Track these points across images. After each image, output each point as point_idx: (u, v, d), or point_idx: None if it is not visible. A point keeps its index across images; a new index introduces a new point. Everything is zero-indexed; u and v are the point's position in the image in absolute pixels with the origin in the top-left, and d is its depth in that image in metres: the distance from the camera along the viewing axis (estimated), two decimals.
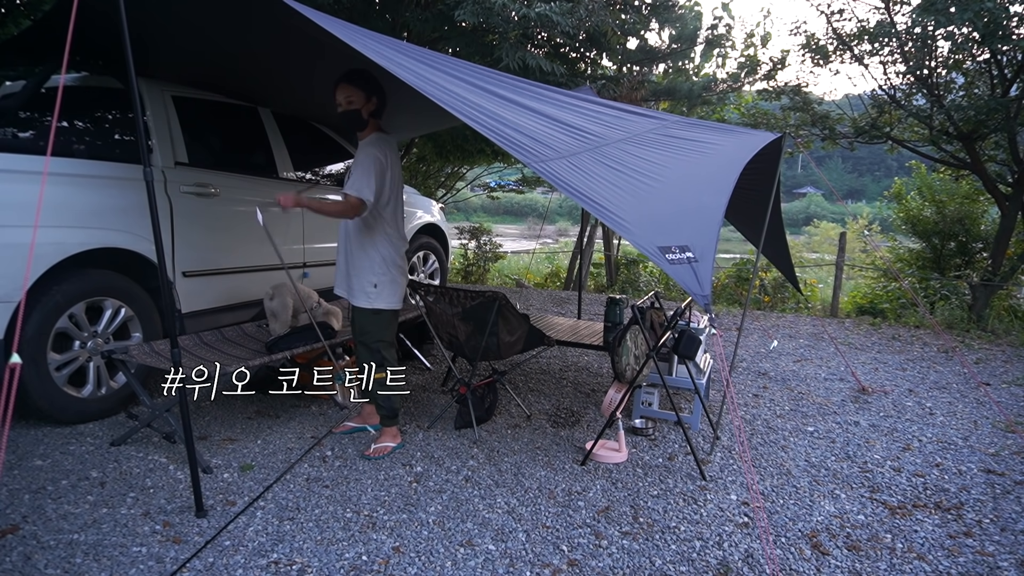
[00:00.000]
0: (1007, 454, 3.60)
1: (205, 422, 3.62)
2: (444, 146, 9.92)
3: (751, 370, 5.28)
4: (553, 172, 2.55)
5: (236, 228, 4.15)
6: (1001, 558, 2.54)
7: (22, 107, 3.52)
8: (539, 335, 3.75)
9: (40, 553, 2.32)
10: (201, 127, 4.16)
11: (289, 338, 3.61)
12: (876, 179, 42.36)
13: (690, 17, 9.69)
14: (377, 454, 3.25)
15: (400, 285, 3.29)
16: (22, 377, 3.01)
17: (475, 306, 3.55)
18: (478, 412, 3.70)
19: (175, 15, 3.28)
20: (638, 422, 3.75)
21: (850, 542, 2.62)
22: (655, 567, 2.40)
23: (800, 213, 35.41)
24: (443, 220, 6.62)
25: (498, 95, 3.00)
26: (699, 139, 3.71)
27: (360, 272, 3.20)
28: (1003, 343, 6.53)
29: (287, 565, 2.32)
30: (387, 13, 6.87)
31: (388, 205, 3.17)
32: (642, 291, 10.52)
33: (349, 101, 3.11)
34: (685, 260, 2.48)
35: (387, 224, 3.20)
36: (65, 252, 3.20)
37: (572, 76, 7.17)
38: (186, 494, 2.78)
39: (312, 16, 2.54)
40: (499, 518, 2.70)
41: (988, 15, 6.44)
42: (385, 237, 3.20)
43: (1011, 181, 8.34)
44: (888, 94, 8.72)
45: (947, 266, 9.83)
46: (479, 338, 3.60)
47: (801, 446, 3.64)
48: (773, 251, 5.04)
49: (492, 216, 28.54)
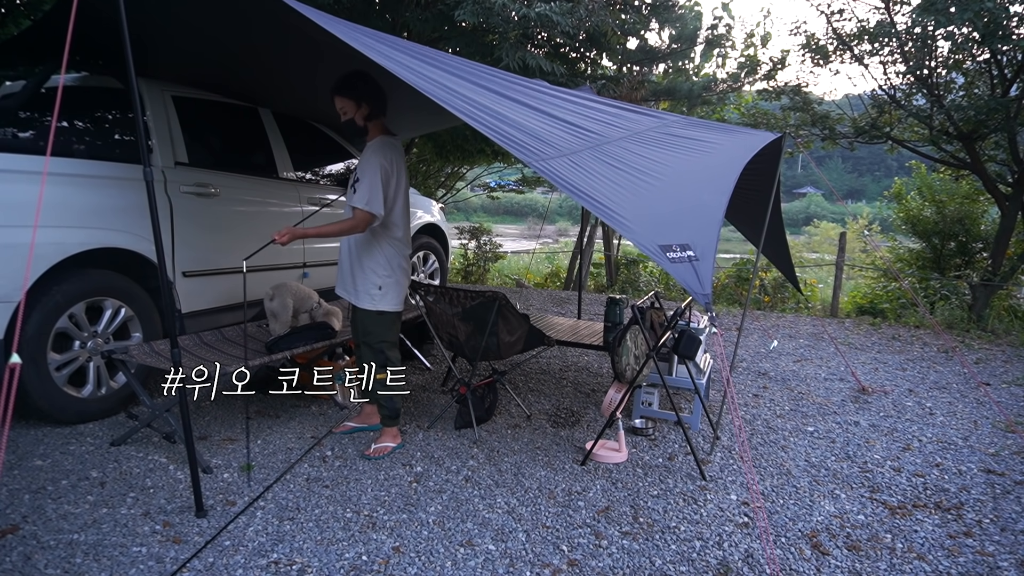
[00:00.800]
0: (1007, 454, 3.59)
1: (205, 422, 3.62)
2: (444, 146, 9.91)
3: (751, 370, 5.28)
4: (553, 170, 2.55)
5: (236, 228, 4.15)
6: (1001, 558, 2.54)
7: (22, 107, 3.52)
8: (539, 335, 3.75)
9: (40, 553, 2.32)
10: (201, 127, 4.16)
11: (289, 338, 3.61)
12: (876, 179, 42.36)
13: (690, 17, 9.69)
14: (377, 454, 3.25)
15: (403, 287, 3.29)
16: (22, 377, 3.01)
17: (475, 306, 3.55)
18: (478, 412, 3.70)
19: (175, 15, 3.28)
20: (638, 422, 3.75)
21: (850, 542, 2.62)
22: (655, 567, 2.40)
23: (800, 213, 35.41)
24: (443, 220, 6.62)
25: (498, 93, 3.00)
26: (699, 138, 3.71)
27: (365, 274, 3.19)
28: (1003, 343, 6.53)
29: (287, 565, 2.32)
30: (387, 13, 6.87)
31: (394, 209, 3.15)
32: (642, 291, 10.52)
33: (343, 111, 3.11)
34: (686, 258, 2.48)
35: (393, 227, 3.18)
36: (65, 252, 3.20)
37: (572, 76, 7.17)
38: (186, 494, 2.78)
39: (311, 15, 2.54)
40: (499, 518, 2.70)
41: (988, 15, 6.44)
42: (390, 240, 3.19)
43: (1011, 181, 8.34)
44: (888, 94, 8.72)
45: (947, 266, 9.83)
46: (479, 338, 3.60)
47: (801, 446, 3.64)
48: (773, 251, 5.03)
49: (492, 216, 28.54)
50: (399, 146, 3.21)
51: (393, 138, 3.20)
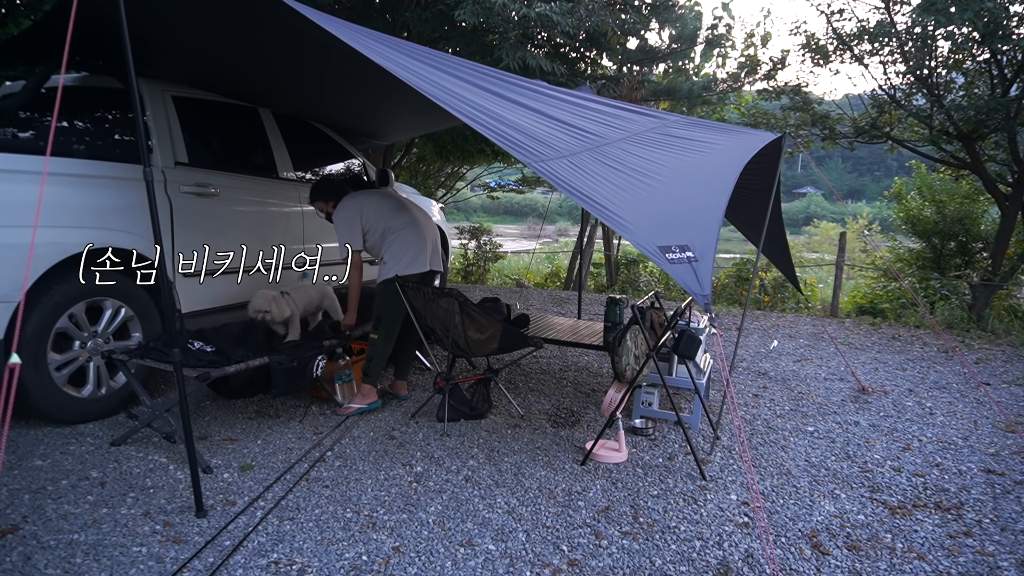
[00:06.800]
0: (1007, 454, 3.60)
1: (205, 422, 3.62)
2: (444, 146, 9.92)
3: (751, 370, 5.28)
4: (553, 172, 2.55)
5: (236, 228, 4.15)
6: (1001, 558, 2.54)
7: (22, 107, 3.51)
8: (518, 336, 3.76)
9: (40, 553, 2.32)
10: (201, 127, 4.16)
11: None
12: (876, 179, 42.33)
13: (690, 17, 9.69)
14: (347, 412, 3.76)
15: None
16: (22, 377, 3.01)
17: (439, 304, 3.58)
18: (463, 409, 3.72)
19: (175, 15, 3.28)
20: (638, 422, 3.75)
21: (850, 542, 2.62)
22: (655, 567, 2.40)
23: (800, 213, 35.40)
24: (443, 220, 6.62)
25: (498, 94, 3.00)
26: (699, 138, 3.71)
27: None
28: (1003, 343, 6.53)
29: (287, 565, 2.32)
30: (387, 13, 6.87)
31: (392, 230, 3.82)
32: (642, 291, 10.52)
33: (322, 211, 4.02)
34: (685, 259, 2.48)
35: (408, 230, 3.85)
36: (65, 252, 3.20)
37: (572, 76, 7.17)
38: (186, 494, 2.78)
39: (311, 16, 2.54)
40: (499, 518, 2.70)
41: (988, 15, 6.44)
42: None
43: (1011, 181, 8.34)
44: (888, 94, 8.72)
45: (947, 266, 9.84)
46: (447, 335, 3.63)
47: (801, 446, 3.64)
48: (773, 251, 5.04)
49: (492, 216, 28.54)
50: (355, 196, 3.89)
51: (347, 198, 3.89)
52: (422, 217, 4.01)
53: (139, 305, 3.63)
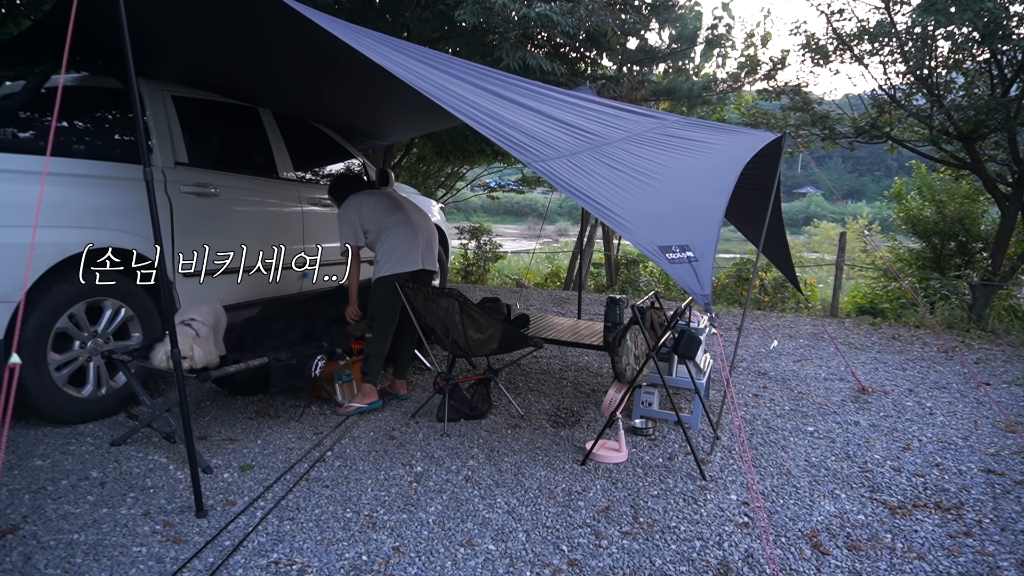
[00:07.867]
0: (1007, 454, 3.60)
1: (205, 422, 3.62)
2: (444, 146, 9.92)
3: (751, 370, 5.28)
4: (553, 172, 2.55)
5: (236, 228, 4.15)
6: (1001, 558, 2.54)
7: (22, 107, 3.51)
8: (518, 336, 3.76)
9: (40, 553, 2.32)
10: (201, 127, 4.16)
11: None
12: (876, 179, 42.34)
13: (690, 17, 9.69)
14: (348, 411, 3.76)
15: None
16: (22, 377, 3.01)
17: (439, 304, 3.58)
18: (463, 409, 3.72)
19: (175, 14, 3.28)
20: (638, 422, 3.75)
21: (850, 542, 2.62)
22: (655, 567, 2.40)
23: (800, 213, 35.40)
24: (443, 220, 6.62)
25: (498, 95, 3.00)
26: (699, 139, 3.71)
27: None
28: (1003, 343, 6.53)
29: (287, 565, 2.32)
30: (387, 13, 6.87)
31: (385, 228, 3.86)
32: (642, 291, 10.52)
33: None
34: (685, 259, 2.48)
35: (400, 228, 3.87)
36: (65, 252, 3.20)
37: (572, 76, 7.18)
38: (186, 494, 2.78)
39: (311, 16, 2.54)
40: (499, 518, 2.70)
41: (988, 15, 6.44)
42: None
43: (1011, 181, 8.34)
44: (888, 94, 8.72)
45: (947, 266, 9.83)
46: (447, 335, 3.63)
47: (801, 446, 3.64)
48: (773, 251, 5.03)
49: (492, 216, 28.54)
50: (356, 197, 3.94)
51: (349, 199, 3.96)
52: (417, 216, 4.01)
53: (139, 305, 3.63)
